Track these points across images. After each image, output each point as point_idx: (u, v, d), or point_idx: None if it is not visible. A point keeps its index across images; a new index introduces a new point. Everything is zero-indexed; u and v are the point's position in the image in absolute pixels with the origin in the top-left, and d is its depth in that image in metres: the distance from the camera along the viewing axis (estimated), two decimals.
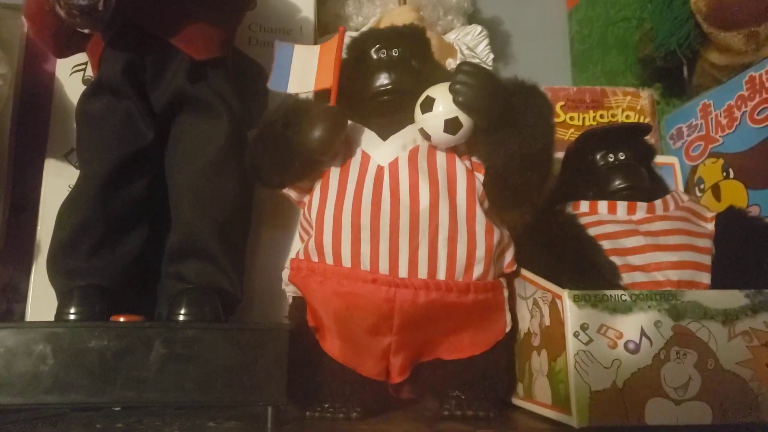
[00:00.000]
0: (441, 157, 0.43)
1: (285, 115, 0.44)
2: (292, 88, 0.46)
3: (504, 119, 0.41)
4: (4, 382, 0.35)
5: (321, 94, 0.45)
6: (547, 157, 0.43)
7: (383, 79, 0.45)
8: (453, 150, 0.44)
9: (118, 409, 0.41)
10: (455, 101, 0.41)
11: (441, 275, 0.41)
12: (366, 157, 0.44)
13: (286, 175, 0.45)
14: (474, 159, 0.45)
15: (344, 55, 0.46)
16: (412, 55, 0.47)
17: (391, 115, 0.45)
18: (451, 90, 0.41)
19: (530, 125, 0.41)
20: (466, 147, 0.44)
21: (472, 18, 0.75)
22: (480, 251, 0.42)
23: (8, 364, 0.35)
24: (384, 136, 0.44)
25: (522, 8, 0.90)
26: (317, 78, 0.45)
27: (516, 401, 0.47)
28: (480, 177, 0.44)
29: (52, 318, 0.41)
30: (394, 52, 0.46)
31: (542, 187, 0.43)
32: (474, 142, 0.43)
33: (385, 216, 0.41)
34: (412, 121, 0.44)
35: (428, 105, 0.42)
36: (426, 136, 0.43)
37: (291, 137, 0.43)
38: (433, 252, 0.41)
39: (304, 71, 0.46)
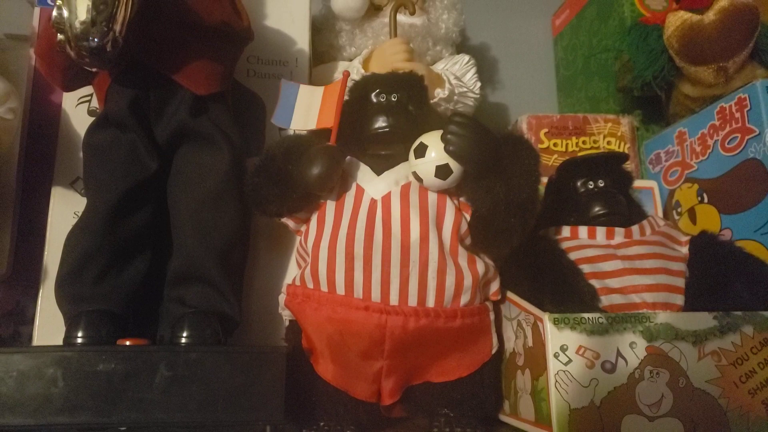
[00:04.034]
0: (432, 194, 0.46)
1: (286, 150, 0.46)
2: (295, 125, 0.49)
3: (492, 167, 0.43)
4: (17, 404, 0.36)
5: (321, 131, 0.48)
6: (531, 206, 0.44)
7: (381, 122, 0.47)
8: (443, 190, 0.46)
9: (124, 429, 0.42)
10: (446, 149, 0.43)
11: (430, 303, 0.43)
12: (360, 191, 0.46)
13: (285, 206, 0.47)
14: (462, 200, 0.47)
15: (346, 97, 0.48)
16: (409, 100, 0.49)
17: (387, 153, 0.48)
18: (443, 139, 0.44)
19: (516, 175, 0.43)
20: (456, 188, 0.46)
21: (460, 46, 0.77)
22: (467, 281, 0.44)
23: (21, 386, 0.37)
24: (378, 171, 0.47)
25: (509, 35, 0.92)
26: (319, 117, 0.47)
27: (503, 418, 0.49)
28: (467, 216, 0.46)
29: (58, 340, 0.43)
30: (393, 97, 0.48)
31: (524, 232, 0.45)
32: (463, 186, 0.46)
33: (378, 247, 0.43)
34: (405, 158, 0.46)
35: (421, 151, 0.45)
36: (418, 179, 0.45)
37: (291, 171, 0.45)
38: (423, 282, 0.43)
39: (307, 110, 0.48)
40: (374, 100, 0.49)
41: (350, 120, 0.47)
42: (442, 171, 0.44)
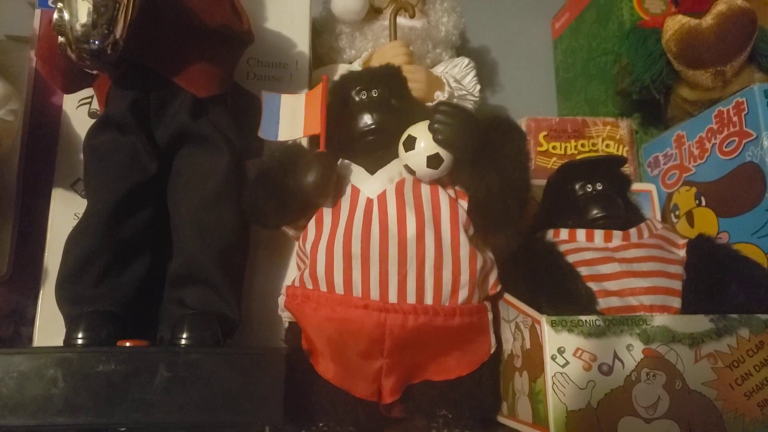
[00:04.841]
0: (426, 189, 0.46)
1: (279, 162, 0.47)
2: (282, 135, 0.49)
3: (482, 151, 0.44)
4: (17, 405, 0.36)
5: (312, 138, 0.48)
6: (524, 184, 0.45)
7: (366, 120, 0.48)
8: (437, 181, 0.46)
9: (123, 430, 0.43)
10: (435, 139, 0.44)
11: (428, 300, 0.43)
12: (356, 191, 0.46)
13: (284, 217, 0.47)
14: (457, 188, 0.47)
15: (328, 99, 0.48)
16: (391, 94, 0.49)
17: (377, 151, 0.48)
18: (431, 129, 0.44)
19: (507, 156, 0.44)
20: (449, 177, 0.47)
21: (460, 49, 0.77)
22: (464, 276, 0.44)
23: (22, 387, 0.37)
24: (371, 171, 0.47)
25: (509, 38, 0.93)
26: (305, 125, 0.48)
27: (501, 419, 0.50)
28: (464, 204, 0.46)
29: (58, 341, 0.43)
30: (374, 93, 0.49)
31: (522, 211, 0.45)
32: (456, 174, 0.46)
33: (375, 245, 0.43)
34: (396, 155, 0.46)
35: (410, 143, 0.45)
36: (411, 172, 0.46)
37: (286, 183, 0.45)
38: (421, 278, 0.43)
39: (292, 119, 0.49)
40: (356, 98, 0.49)
41: (336, 122, 0.48)
42: (434, 161, 0.44)
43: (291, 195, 0.45)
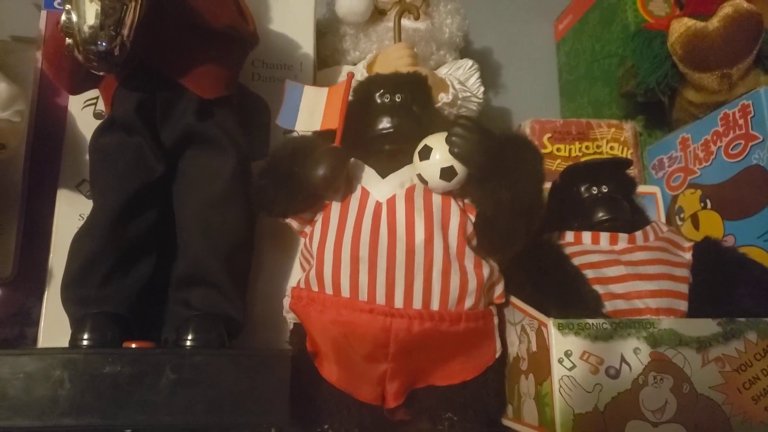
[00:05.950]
0: (436, 197, 0.46)
1: (292, 152, 0.47)
2: (300, 126, 0.49)
3: (496, 170, 0.44)
4: (23, 406, 0.36)
5: (326, 132, 0.48)
6: (535, 207, 0.45)
7: (385, 123, 0.47)
8: (447, 192, 0.46)
9: (129, 431, 0.43)
10: (451, 152, 0.44)
11: (435, 306, 0.43)
12: (365, 193, 0.46)
13: (290, 207, 0.47)
14: (467, 201, 0.47)
15: (350, 98, 0.48)
16: (413, 100, 0.49)
17: (391, 155, 0.48)
18: (448, 141, 0.44)
19: (520, 177, 0.44)
20: (460, 190, 0.47)
21: (463, 51, 0.77)
22: (472, 284, 0.44)
23: (28, 388, 0.37)
24: (383, 174, 0.47)
25: (512, 40, 0.93)
26: (324, 119, 0.48)
27: (506, 422, 0.49)
28: (471, 218, 0.46)
29: (63, 342, 0.43)
30: (397, 98, 0.49)
31: (529, 233, 0.45)
32: (467, 188, 0.46)
33: (383, 249, 0.43)
34: (410, 160, 0.46)
35: (426, 153, 0.45)
36: (423, 181, 0.46)
37: (296, 173, 0.45)
38: (428, 284, 0.43)
39: (311, 111, 0.49)
40: (378, 100, 0.49)
41: (355, 121, 0.48)
42: (447, 173, 0.44)
43: (299, 185, 0.45)
